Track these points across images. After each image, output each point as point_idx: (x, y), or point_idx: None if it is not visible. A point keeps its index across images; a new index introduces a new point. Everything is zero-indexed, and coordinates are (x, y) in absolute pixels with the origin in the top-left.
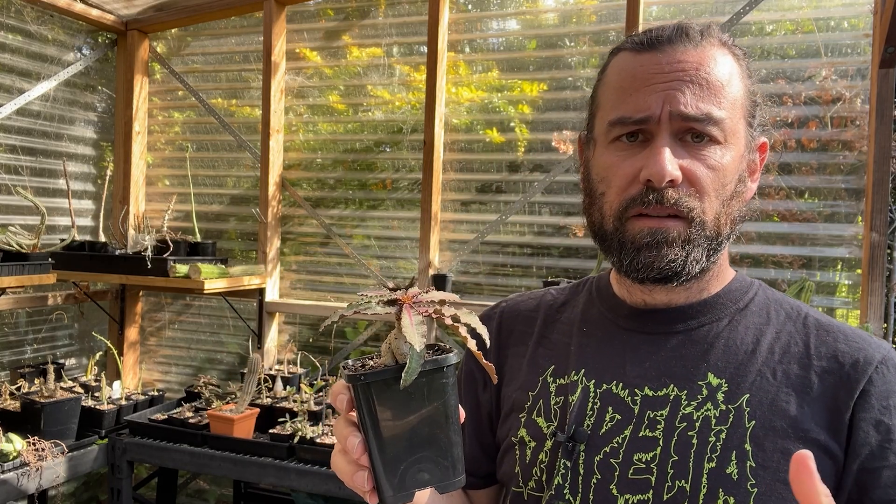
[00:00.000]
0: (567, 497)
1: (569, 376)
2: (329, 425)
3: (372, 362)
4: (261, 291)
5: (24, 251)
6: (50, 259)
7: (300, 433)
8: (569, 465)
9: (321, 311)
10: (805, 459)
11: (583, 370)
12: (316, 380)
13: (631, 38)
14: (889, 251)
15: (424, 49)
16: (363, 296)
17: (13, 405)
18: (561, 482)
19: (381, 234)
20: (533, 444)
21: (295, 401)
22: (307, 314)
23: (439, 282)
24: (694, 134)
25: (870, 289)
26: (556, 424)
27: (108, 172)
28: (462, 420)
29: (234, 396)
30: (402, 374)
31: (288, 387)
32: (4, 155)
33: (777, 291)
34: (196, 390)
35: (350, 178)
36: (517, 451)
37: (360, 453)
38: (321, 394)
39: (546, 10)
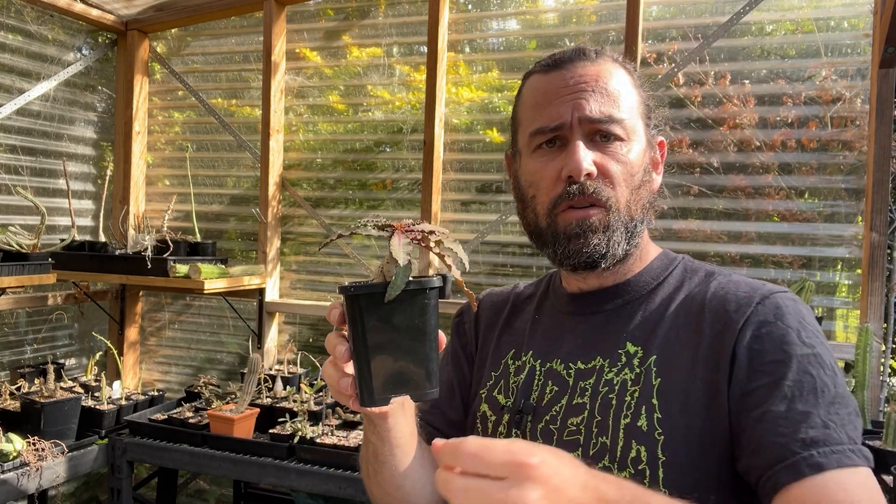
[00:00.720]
0: None
1: (523, 357)
2: (329, 425)
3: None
4: (261, 291)
5: (24, 251)
6: (50, 259)
7: (300, 433)
8: (517, 433)
9: (321, 311)
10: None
11: (531, 352)
12: (316, 380)
13: (539, 63)
14: (889, 251)
15: (424, 49)
16: (360, 222)
17: (13, 405)
18: None
19: (381, 233)
20: (493, 417)
21: (295, 401)
22: (307, 314)
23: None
24: (601, 134)
25: (870, 289)
26: (512, 400)
27: (108, 172)
28: (441, 345)
29: (234, 396)
30: (388, 289)
31: (288, 387)
32: (4, 155)
33: (705, 264)
34: (196, 390)
35: (350, 178)
36: (479, 424)
37: (346, 360)
38: (321, 394)
39: (546, 10)
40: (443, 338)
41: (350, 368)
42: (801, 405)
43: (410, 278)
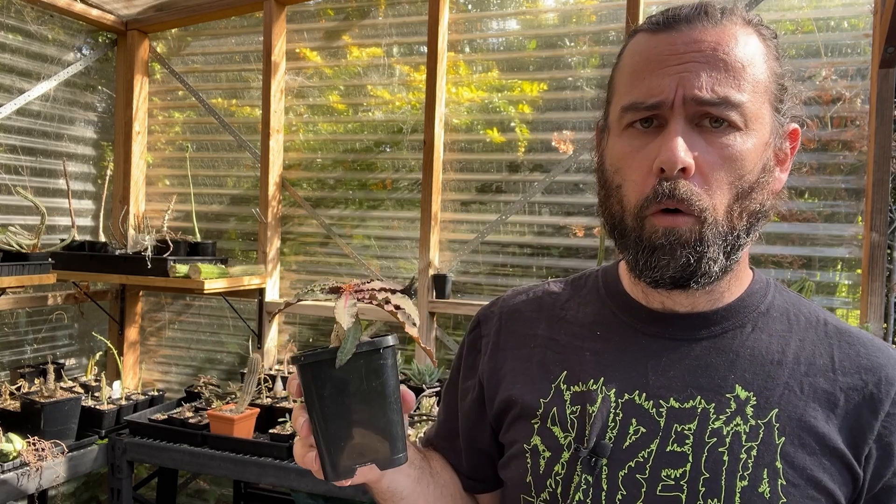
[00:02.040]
0: None
1: (586, 384)
2: None
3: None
4: (261, 291)
5: (24, 251)
6: (50, 259)
7: None
8: (591, 480)
9: (321, 310)
10: None
11: (602, 378)
12: None
13: (649, 18)
14: (889, 251)
15: (424, 49)
16: (308, 286)
17: (13, 405)
18: (582, 498)
19: (381, 234)
20: (548, 454)
21: (295, 401)
22: (307, 314)
23: (439, 282)
24: (711, 119)
25: (870, 289)
26: (573, 435)
27: (108, 172)
28: (407, 404)
29: (234, 396)
30: (337, 354)
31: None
32: (4, 155)
33: (789, 290)
34: (196, 390)
35: (350, 178)
36: (528, 460)
37: (306, 434)
38: None
39: (546, 10)
40: (407, 396)
41: (311, 440)
42: None
43: (362, 339)
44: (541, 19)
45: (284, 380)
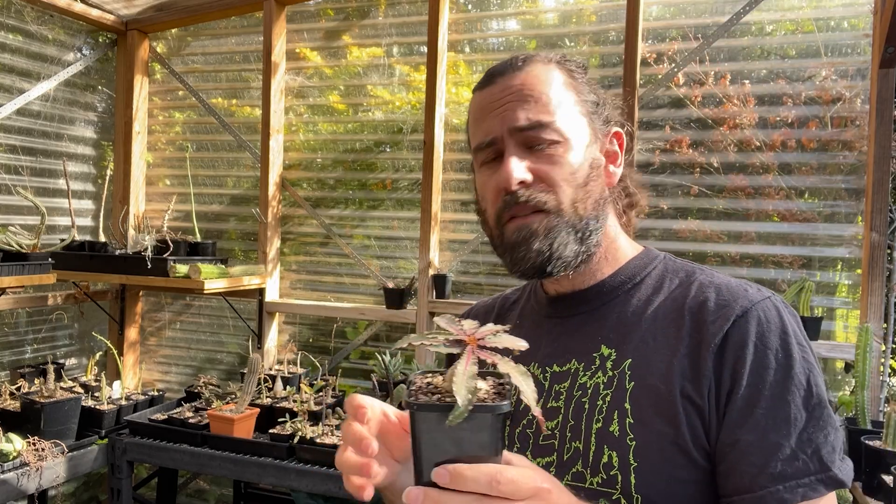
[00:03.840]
0: None
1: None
2: (329, 425)
3: (437, 380)
4: (261, 291)
5: (24, 251)
6: (50, 259)
7: (300, 433)
8: None
9: (321, 311)
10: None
11: (510, 356)
12: (316, 380)
13: (479, 81)
14: (889, 251)
15: (424, 49)
16: (432, 333)
17: (13, 405)
18: None
19: (381, 234)
20: None
21: (295, 401)
22: (307, 314)
23: (439, 282)
24: (535, 142)
25: (870, 289)
26: None
27: (108, 172)
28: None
29: (234, 396)
30: (448, 416)
31: (288, 387)
32: (4, 155)
33: (687, 262)
34: (196, 390)
35: (350, 178)
36: None
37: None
38: (321, 394)
39: (546, 10)
40: (510, 458)
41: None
42: (772, 435)
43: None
44: (541, 19)
45: (284, 380)
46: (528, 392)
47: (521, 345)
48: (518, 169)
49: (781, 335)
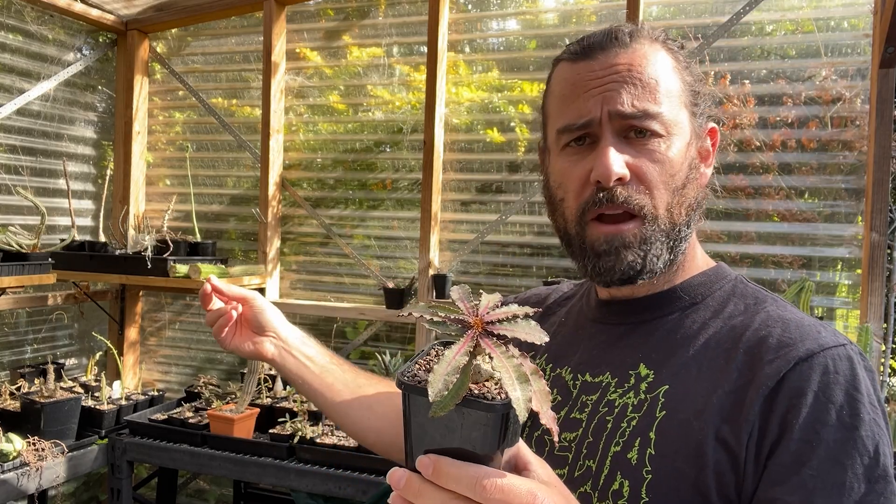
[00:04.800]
0: None
1: (541, 361)
2: (329, 425)
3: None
4: (261, 291)
5: (24, 251)
6: (50, 259)
7: (300, 433)
8: (521, 438)
9: (321, 311)
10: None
11: (545, 355)
12: None
13: (568, 48)
14: (889, 251)
15: (424, 49)
16: (439, 307)
17: (13, 405)
18: None
19: (381, 234)
20: None
21: (295, 401)
22: (307, 314)
23: (439, 282)
24: (636, 130)
25: (870, 289)
26: None
27: (108, 172)
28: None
29: (234, 396)
30: (432, 407)
31: (288, 387)
32: (4, 155)
33: (758, 287)
34: (196, 390)
35: (350, 178)
36: None
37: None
38: None
39: (546, 10)
40: (510, 453)
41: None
42: (820, 500)
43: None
44: (541, 19)
45: (285, 380)
46: (520, 398)
47: (535, 337)
48: (618, 163)
49: (850, 390)
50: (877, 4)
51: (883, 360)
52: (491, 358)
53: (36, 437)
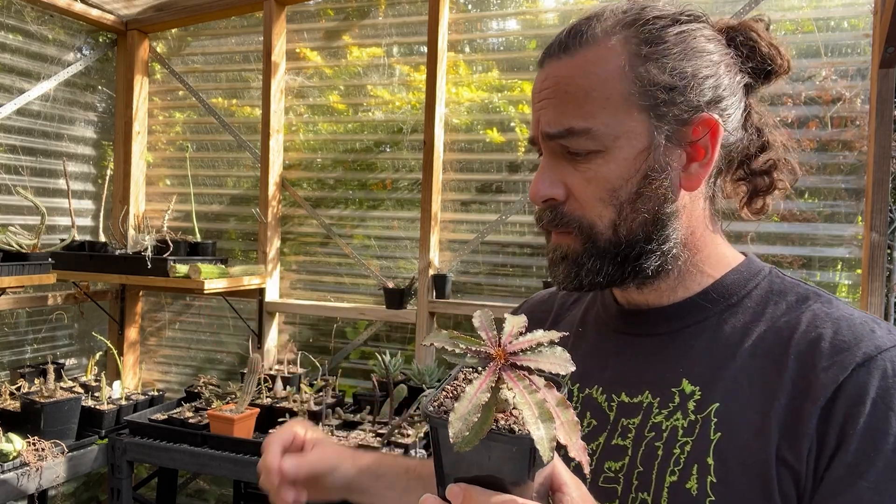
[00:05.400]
0: None
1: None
2: (329, 425)
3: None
4: (261, 291)
5: (24, 251)
6: (50, 259)
7: None
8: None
9: (321, 311)
10: None
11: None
12: (316, 380)
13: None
14: (889, 251)
15: (424, 49)
16: (460, 339)
17: (13, 405)
18: None
19: (381, 234)
20: None
21: (295, 401)
22: (307, 314)
23: (439, 282)
24: (568, 149)
25: (870, 289)
26: None
27: (108, 172)
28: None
29: (234, 396)
30: (455, 443)
31: (288, 387)
32: (4, 155)
33: (796, 280)
34: (196, 390)
35: (350, 178)
36: None
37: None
38: (321, 394)
39: (546, 11)
40: (540, 480)
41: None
42: None
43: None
44: (541, 19)
45: (284, 380)
46: (543, 438)
47: (561, 367)
48: (544, 184)
49: None
50: (877, 4)
51: None
52: (513, 392)
53: (36, 437)
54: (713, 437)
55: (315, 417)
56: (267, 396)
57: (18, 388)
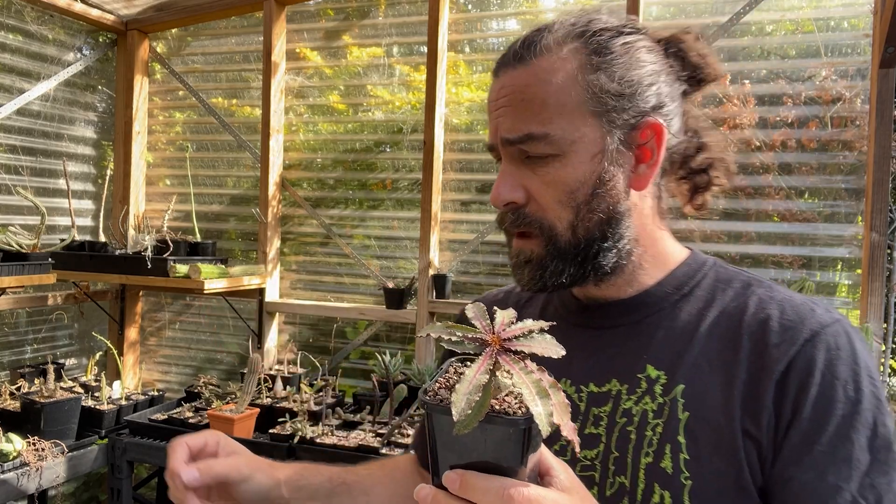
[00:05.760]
0: None
1: None
2: (329, 425)
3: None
4: (261, 291)
5: (24, 251)
6: (50, 259)
7: (300, 433)
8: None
9: (321, 311)
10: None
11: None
12: (316, 380)
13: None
14: (889, 251)
15: (424, 49)
16: (455, 327)
17: (13, 405)
18: None
19: (381, 234)
20: None
21: (295, 401)
22: (307, 314)
23: (439, 282)
24: (527, 154)
25: (870, 289)
26: None
27: (108, 172)
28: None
29: (234, 396)
30: (455, 425)
31: (288, 387)
32: (4, 155)
33: (737, 269)
34: (196, 390)
35: (350, 178)
36: None
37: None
38: (321, 394)
39: (546, 10)
40: (533, 462)
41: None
42: (831, 477)
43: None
44: (541, 19)
45: (284, 380)
46: (542, 413)
47: (552, 352)
48: (505, 188)
49: (852, 365)
50: (877, 4)
51: (883, 360)
52: (510, 374)
53: (36, 437)
54: (682, 417)
55: (315, 417)
56: (267, 396)
57: (18, 388)
